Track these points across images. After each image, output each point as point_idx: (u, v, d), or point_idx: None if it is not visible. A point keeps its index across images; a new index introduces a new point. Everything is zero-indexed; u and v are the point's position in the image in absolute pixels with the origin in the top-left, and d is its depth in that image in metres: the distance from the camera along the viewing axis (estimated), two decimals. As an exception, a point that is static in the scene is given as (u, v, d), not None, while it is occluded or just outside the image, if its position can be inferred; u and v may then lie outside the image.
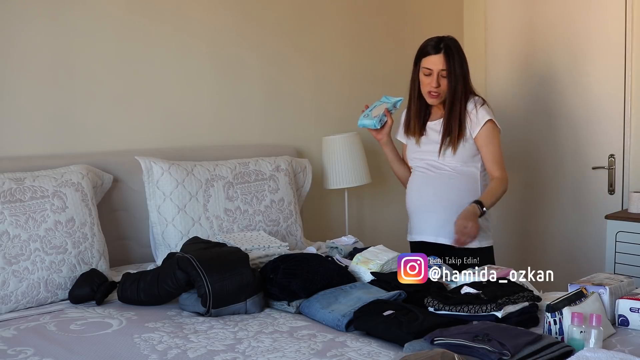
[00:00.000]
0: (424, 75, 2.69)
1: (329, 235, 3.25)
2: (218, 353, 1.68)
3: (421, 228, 2.78)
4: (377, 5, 3.79)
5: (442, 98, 2.69)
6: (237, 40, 3.19)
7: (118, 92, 2.80)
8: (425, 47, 2.69)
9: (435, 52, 2.65)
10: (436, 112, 2.78)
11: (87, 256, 2.28)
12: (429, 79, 2.67)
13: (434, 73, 2.65)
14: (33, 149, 2.57)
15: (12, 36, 2.50)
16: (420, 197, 2.76)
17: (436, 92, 2.67)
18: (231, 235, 2.55)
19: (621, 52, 3.50)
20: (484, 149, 2.69)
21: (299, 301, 2.06)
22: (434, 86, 2.65)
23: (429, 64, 2.66)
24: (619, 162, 3.57)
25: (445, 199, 2.69)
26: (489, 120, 2.67)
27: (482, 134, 2.68)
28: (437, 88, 2.66)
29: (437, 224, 2.70)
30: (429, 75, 2.67)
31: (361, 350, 1.69)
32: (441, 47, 2.65)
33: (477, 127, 2.67)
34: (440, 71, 2.64)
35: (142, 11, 2.85)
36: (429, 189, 2.74)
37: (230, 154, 2.96)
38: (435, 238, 2.71)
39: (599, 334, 1.60)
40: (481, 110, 2.68)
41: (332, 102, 3.59)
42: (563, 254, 3.81)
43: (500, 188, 2.67)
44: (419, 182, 2.79)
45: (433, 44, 2.67)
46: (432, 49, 2.66)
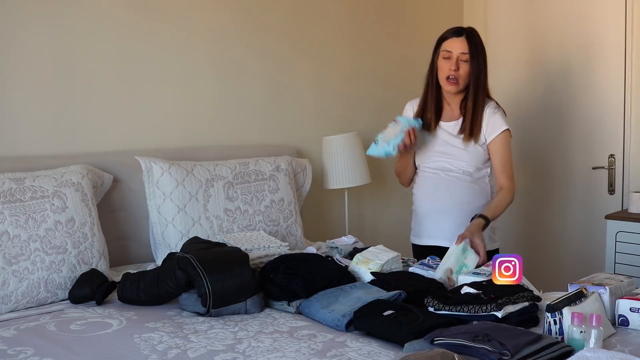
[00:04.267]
0: (443, 59, 2.60)
1: (329, 235, 3.25)
2: (218, 353, 1.68)
3: (434, 232, 2.72)
4: (377, 5, 3.79)
5: (459, 87, 2.60)
6: (238, 40, 3.19)
7: (118, 92, 2.80)
8: (446, 32, 2.64)
9: (457, 36, 2.59)
10: (449, 112, 2.70)
11: (87, 256, 2.28)
12: (448, 63, 2.58)
13: (454, 56, 2.57)
14: (33, 149, 2.57)
15: (12, 36, 2.51)
16: (434, 201, 2.70)
17: (455, 78, 2.57)
18: (231, 235, 2.55)
19: (621, 52, 3.51)
20: (496, 157, 2.63)
21: (299, 301, 2.06)
22: (452, 69, 2.56)
23: (449, 46, 2.59)
24: (619, 162, 3.57)
25: (459, 203, 2.65)
26: (506, 129, 2.63)
27: (497, 141, 2.62)
28: (456, 72, 2.56)
29: (451, 228, 2.63)
30: (448, 59, 2.58)
31: (361, 350, 1.69)
32: (463, 32, 2.60)
33: (493, 133, 2.62)
34: (460, 55, 2.56)
35: (142, 11, 2.85)
36: (443, 193, 2.67)
37: (230, 154, 2.96)
38: (450, 243, 2.53)
39: (598, 334, 1.60)
40: (499, 117, 2.63)
41: (332, 102, 3.59)
42: (563, 254, 3.81)
43: (507, 200, 2.61)
44: (431, 184, 2.72)
45: (455, 29, 2.62)
46: (454, 33, 2.60)
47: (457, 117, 2.68)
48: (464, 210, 2.63)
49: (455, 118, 2.69)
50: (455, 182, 2.66)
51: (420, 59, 3.89)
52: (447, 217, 2.67)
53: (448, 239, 2.61)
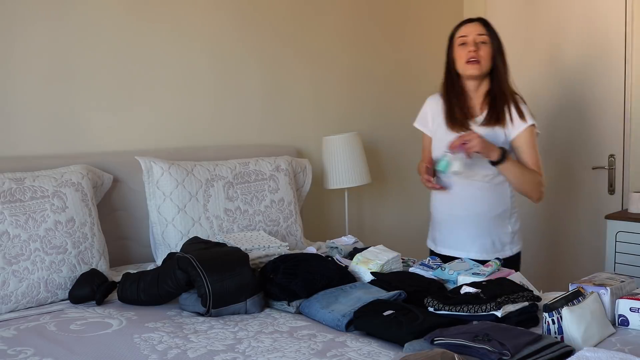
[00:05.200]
0: (459, 46, 2.50)
1: (329, 235, 3.25)
2: (218, 353, 1.68)
3: (450, 242, 2.65)
4: (377, 5, 3.79)
5: (483, 68, 2.47)
6: (237, 41, 3.19)
7: (118, 93, 2.81)
8: (459, 22, 2.58)
9: (471, 22, 2.54)
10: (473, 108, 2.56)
11: (87, 256, 2.28)
12: (465, 49, 2.48)
13: (470, 40, 2.47)
14: (33, 149, 2.57)
15: (12, 37, 2.51)
16: (452, 208, 2.62)
17: (475, 58, 2.45)
18: (231, 235, 2.55)
19: (621, 52, 3.51)
20: (525, 153, 2.51)
21: (299, 301, 2.06)
22: (472, 50, 2.45)
23: (464, 32, 2.50)
24: (619, 162, 3.57)
25: (478, 213, 2.57)
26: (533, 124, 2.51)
27: (523, 137, 2.50)
28: (476, 52, 2.45)
29: (467, 239, 2.59)
30: (465, 45, 2.48)
31: (361, 350, 1.69)
32: (475, 19, 2.55)
33: (518, 128, 2.50)
34: (477, 36, 2.47)
35: (141, 12, 2.85)
36: (463, 201, 2.58)
37: (230, 154, 2.96)
38: (466, 254, 2.54)
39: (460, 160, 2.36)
40: (527, 110, 2.52)
41: (332, 102, 3.59)
42: (563, 254, 3.81)
43: (534, 175, 2.48)
44: (448, 192, 2.61)
45: (466, 19, 2.58)
46: (467, 21, 2.55)
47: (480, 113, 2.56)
48: (481, 221, 2.57)
49: (477, 114, 2.56)
50: (474, 189, 2.56)
51: (420, 58, 3.92)
52: (463, 227, 2.60)
53: (465, 250, 2.59)
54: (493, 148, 2.42)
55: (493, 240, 2.62)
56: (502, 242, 2.63)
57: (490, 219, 2.57)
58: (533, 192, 2.54)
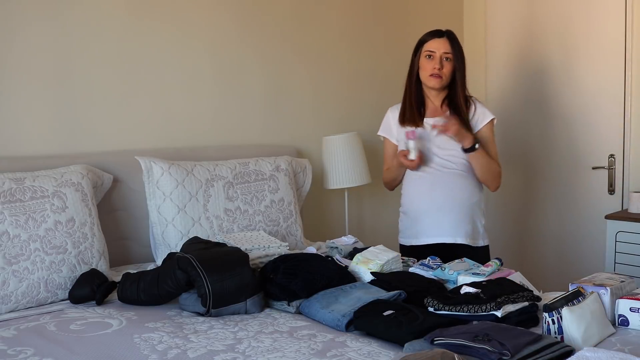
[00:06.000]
0: (425, 58, 2.70)
1: (329, 235, 3.25)
2: (218, 353, 1.68)
3: (433, 230, 2.73)
4: (377, 5, 3.79)
5: (443, 82, 2.69)
6: (237, 41, 3.19)
7: (118, 92, 2.81)
8: (426, 35, 2.74)
9: (439, 37, 2.70)
10: (433, 109, 2.77)
11: (87, 256, 2.28)
12: (431, 63, 2.69)
13: (437, 55, 2.67)
14: (33, 149, 2.57)
15: (12, 36, 2.51)
16: (432, 199, 2.72)
17: (439, 74, 2.67)
18: (231, 235, 2.55)
19: (621, 52, 3.51)
20: (485, 146, 2.72)
21: (299, 301, 2.06)
22: (437, 67, 2.66)
23: (432, 47, 2.69)
24: (619, 162, 3.57)
25: (459, 198, 2.70)
26: (493, 118, 2.75)
27: (485, 131, 2.74)
28: (440, 70, 2.67)
29: (451, 225, 2.69)
30: (431, 58, 2.68)
31: (361, 350, 1.69)
32: (443, 33, 2.71)
33: (481, 123, 2.73)
34: (443, 54, 2.67)
35: (142, 12, 2.85)
36: (442, 190, 2.71)
37: (230, 154, 2.96)
38: (453, 239, 2.70)
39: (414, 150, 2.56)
40: (484, 107, 2.77)
41: (332, 102, 3.59)
42: (563, 254, 3.81)
43: (496, 166, 2.73)
44: (427, 183, 2.73)
45: (435, 31, 2.73)
46: (435, 34, 2.71)
47: (441, 114, 2.74)
48: (462, 205, 2.70)
49: (439, 114, 2.74)
50: (452, 177, 2.71)
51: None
52: (446, 214, 2.70)
53: (451, 235, 2.71)
54: (467, 136, 2.65)
55: (474, 227, 2.74)
56: (480, 232, 2.77)
57: (470, 206, 2.71)
58: (494, 182, 2.77)
